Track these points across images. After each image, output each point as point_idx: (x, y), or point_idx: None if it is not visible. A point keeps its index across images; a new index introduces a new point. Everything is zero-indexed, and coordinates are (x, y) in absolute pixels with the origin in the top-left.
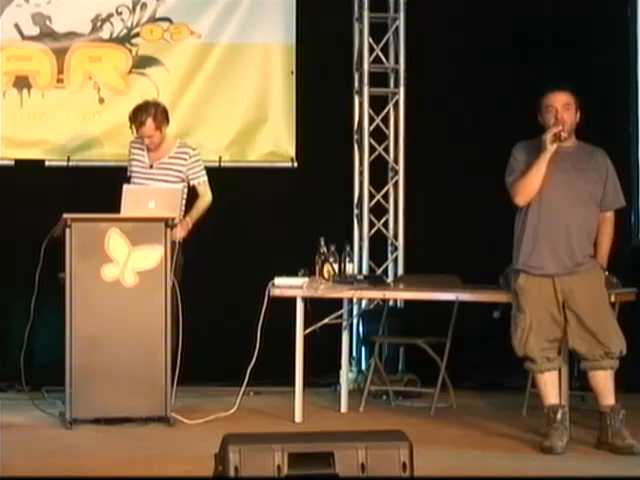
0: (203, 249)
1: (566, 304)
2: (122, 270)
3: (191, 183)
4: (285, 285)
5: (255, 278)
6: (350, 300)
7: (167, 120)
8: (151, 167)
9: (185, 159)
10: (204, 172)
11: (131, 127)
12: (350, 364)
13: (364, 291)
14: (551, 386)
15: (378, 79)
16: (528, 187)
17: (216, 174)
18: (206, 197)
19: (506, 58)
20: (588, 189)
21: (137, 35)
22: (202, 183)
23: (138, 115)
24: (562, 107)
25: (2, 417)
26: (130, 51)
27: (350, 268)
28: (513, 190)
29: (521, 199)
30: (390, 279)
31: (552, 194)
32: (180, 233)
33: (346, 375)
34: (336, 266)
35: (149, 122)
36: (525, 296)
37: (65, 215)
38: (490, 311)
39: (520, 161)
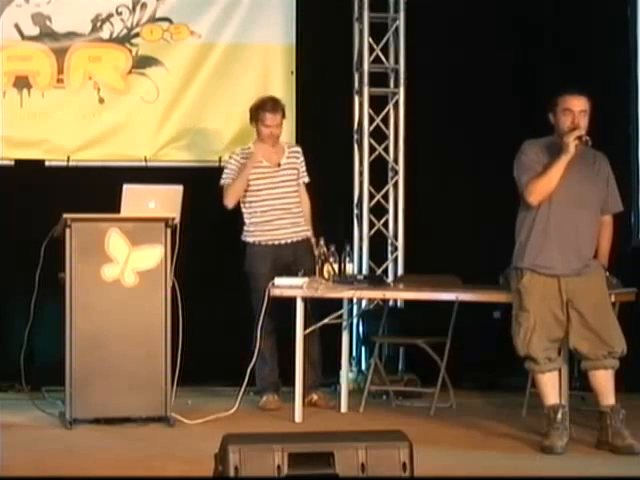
0: (203, 249)
1: (570, 303)
2: (122, 270)
3: (299, 181)
4: (285, 285)
5: None
6: (350, 300)
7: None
8: (279, 165)
9: (297, 157)
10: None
11: (257, 119)
12: (350, 364)
13: (364, 291)
14: (551, 386)
15: (378, 79)
16: (545, 188)
17: (216, 174)
18: (308, 198)
19: (506, 58)
20: (595, 192)
21: (137, 35)
22: (305, 183)
23: (268, 104)
24: (579, 112)
25: (2, 417)
26: (130, 51)
27: (350, 268)
28: (528, 189)
29: (535, 199)
30: (390, 279)
31: (562, 195)
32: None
33: (346, 375)
34: (336, 266)
35: (278, 113)
36: (529, 295)
37: (65, 215)
38: (490, 311)
39: (534, 160)
